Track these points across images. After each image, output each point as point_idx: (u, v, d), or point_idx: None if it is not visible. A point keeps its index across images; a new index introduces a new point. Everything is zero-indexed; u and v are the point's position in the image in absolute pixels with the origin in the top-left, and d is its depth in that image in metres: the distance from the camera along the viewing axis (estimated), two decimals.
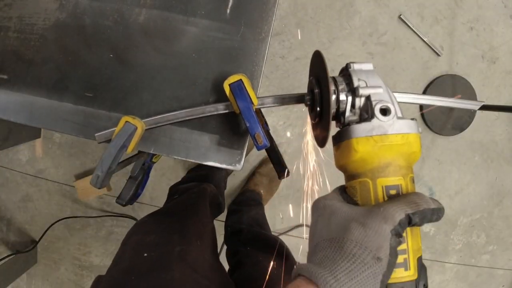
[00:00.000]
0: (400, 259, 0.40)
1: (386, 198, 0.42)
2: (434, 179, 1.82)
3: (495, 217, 1.88)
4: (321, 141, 0.50)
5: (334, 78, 0.48)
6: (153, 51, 0.69)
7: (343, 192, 0.47)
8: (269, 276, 1.00)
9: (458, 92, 1.73)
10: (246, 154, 0.78)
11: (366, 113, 0.45)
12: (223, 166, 0.69)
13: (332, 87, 0.46)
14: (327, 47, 1.69)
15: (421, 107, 1.75)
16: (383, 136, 0.42)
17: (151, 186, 1.80)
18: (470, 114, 1.76)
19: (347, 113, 0.46)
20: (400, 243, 0.38)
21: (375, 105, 0.43)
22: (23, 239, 1.88)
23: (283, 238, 1.80)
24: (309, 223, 0.47)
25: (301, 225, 1.80)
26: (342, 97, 0.46)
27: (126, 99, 0.69)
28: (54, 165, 1.81)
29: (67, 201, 1.84)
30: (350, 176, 0.46)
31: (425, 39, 1.69)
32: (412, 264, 0.40)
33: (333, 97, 0.46)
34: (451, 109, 1.73)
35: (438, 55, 1.71)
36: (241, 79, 0.59)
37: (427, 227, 1.86)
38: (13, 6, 0.71)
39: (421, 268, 0.41)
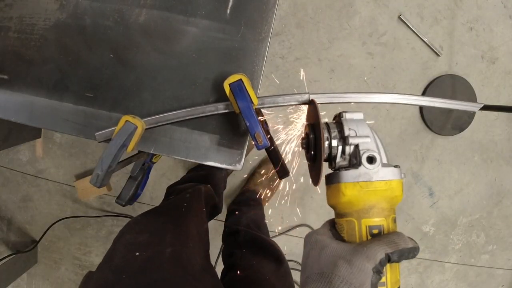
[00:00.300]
0: None
1: (369, 236, 0.47)
2: (433, 179, 1.83)
3: (495, 217, 1.88)
4: (314, 181, 0.55)
5: (327, 125, 0.53)
6: (153, 51, 0.69)
7: (333, 227, 0.52)
8: (261, 281, 1.00)
9: (458, 92, 1.73)
10: (246, 154, 0.79)
11: (355, 159, 0.50)
12: (223, 166, 0.69)
13: (325, 134, 0.52)
14: (327, 47, 1.69)
15: (421, 106, 1.75)
16: (368, 183, 0.47)
17: (151, 186, 1.81)
18: (470, 114, 1.76)
19: (338, 159, 0.51)
20: (380, 279, 0.43)
21: (362, 154, 0.48)
22: (24, 239, 1.88)
23: (283, 238, 1.81)
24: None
25: (301, 225, 1.81)
26: (334, 143, 0.51)
27: (126, 99, 0.69)
28: (55, 165, 1.81)
29: (67, 201, 1.84)
30: (339, 214, 0.51)
31: (424, 39, 1.69)
32: None
33: (326, 143, 0.52)
34: (450, 110, 1.73)
35: (438, 55, 1.71)
36: (241, 79, 0.60)
37: (426, 227, 1.87)
38: (14, 7, 0.71)
39: None
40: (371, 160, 0.48)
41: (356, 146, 0.50)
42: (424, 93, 1.73)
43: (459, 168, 1.83)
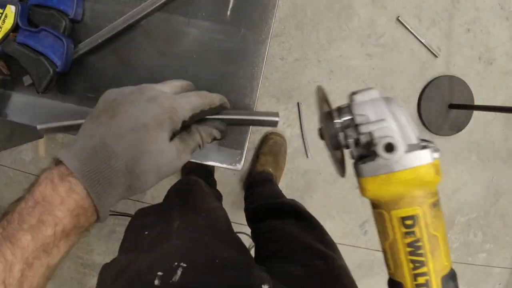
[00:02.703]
0: (422, 280, 0.42)
1: (403, 229, 0.42)
2: None
3: (492, 216, 1.90)
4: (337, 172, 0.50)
5: (339, 111, 0.44)
6: (154, 53, 0.70)
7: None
8: (287, 237, 0.96)
9: (455, 93, 1.74)
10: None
11: (373, 148, 0.41)
12: (223, 166, 0.70)
13: (337, 123, 0.44)
14: (326, 49, 1.71)
15: (419, 104, 1.77)
16: (389, 175, 0.40)
17: None
18: (467, 114, 1.78)
19: (354, 150, 0.44)
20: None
21: (378, 143, 0.40)
22: None
23: None
24: None
25: None
26: (343, 135, 0.44)
27: None
28: None
29: None
30: (372, 205, 0.45)
31: (422, 41, 1.71)
32: (435, 283, 0.42)
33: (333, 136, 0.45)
34: (448, 110, 1.75)
35: (436, 56, 1.73)
36: None
37: None
38: None
39: (449, 285, 0.43)
40: (390, 147, 0.40)
41: (370, 134, 0.42)
42: (422, 94, 1.75)
43: (457, 168, 1.84)
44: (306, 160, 1.78)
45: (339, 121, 0.44)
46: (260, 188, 1.53)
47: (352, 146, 0.44)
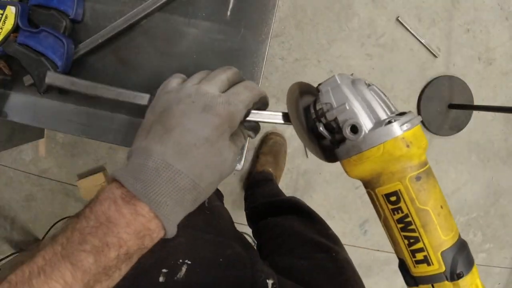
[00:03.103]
0: (420, 256, 0.42)
1: (390, 206, 0.42)
2: None
3: (492, 216, 1.90)
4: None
5: (315, 102, 0.47)
6: (154, 53, 0.70)
7: None
8: (288, 232, 0.96)
9: (455, 93, 1.75)
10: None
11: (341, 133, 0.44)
12: None
13: (312, 111, 0.47)
14: (326, 49, 1.71)
15: (419, 105, 1.77)
16: (359, 155, 0.42)
17: None
18: (467, 114, 1.78)
19: (328, 136, 0.47)
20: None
21: (343, 126, 0.42)
22: (27, 237, 1.89)
23: None
24: None
25: None
26: (322, 121, 0.46)
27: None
28: (57, 164, 1.83)
29: (70, 200, 1.86)
30: (363, 185, 0.46)
31: (422, 41, 1.71)
32: (435, 259, 0.42)
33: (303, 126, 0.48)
34: (448, 110, 1.75)
35: (435, 56, 1.73)
36: None
37: None
38: None
39: (453, 260, 0.42)
40: (355, 129, 0.42)
41: (335, 120, 0.44)
42: (422, 94, 1.75)
43: (457, 168, 1.84)
44: (306, 160, 1.79)
45: (312, 112, 0.47)
46: (260, 188, 1.53)
47: (326, 133, 0.46)
